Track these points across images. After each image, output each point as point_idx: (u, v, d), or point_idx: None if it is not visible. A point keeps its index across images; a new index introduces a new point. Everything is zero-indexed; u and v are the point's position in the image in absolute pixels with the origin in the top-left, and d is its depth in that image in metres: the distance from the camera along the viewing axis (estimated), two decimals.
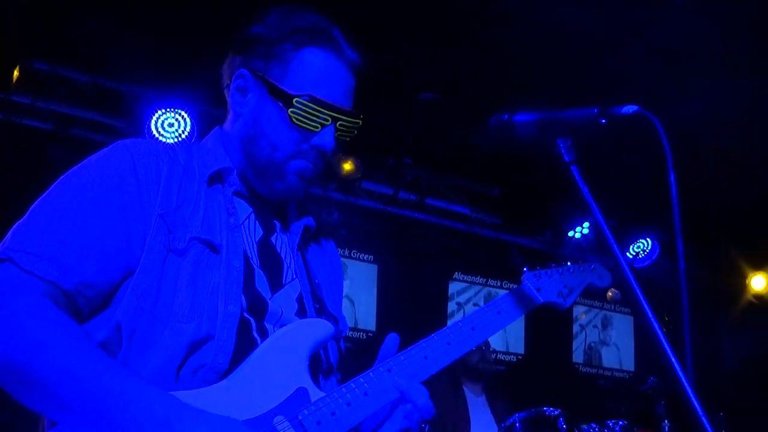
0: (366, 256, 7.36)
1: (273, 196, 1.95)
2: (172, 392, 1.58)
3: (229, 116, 1.99)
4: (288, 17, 1.92)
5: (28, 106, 5.54)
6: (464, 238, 7.66)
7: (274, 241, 1.96)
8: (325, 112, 1.84)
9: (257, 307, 1.81)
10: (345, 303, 6.87)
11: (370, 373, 1.79)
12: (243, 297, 1.78)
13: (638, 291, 1.61)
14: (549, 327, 7.97)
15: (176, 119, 5.48)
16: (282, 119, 1.85)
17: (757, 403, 7.61)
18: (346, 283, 7.13)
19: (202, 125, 5.57)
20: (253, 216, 1.94)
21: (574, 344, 8.41)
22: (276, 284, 1.90)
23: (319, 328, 1.83)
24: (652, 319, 1.58)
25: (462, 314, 7.79)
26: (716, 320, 8.78)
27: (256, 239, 1.92)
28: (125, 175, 1.73)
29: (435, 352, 1.91)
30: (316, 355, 1.85)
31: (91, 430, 1.52)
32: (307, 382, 1.74)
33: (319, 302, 1.97)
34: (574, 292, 2.31)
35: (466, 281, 7.95)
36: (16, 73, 5.27)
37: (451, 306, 7.79)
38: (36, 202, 1.71)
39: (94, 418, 1.51)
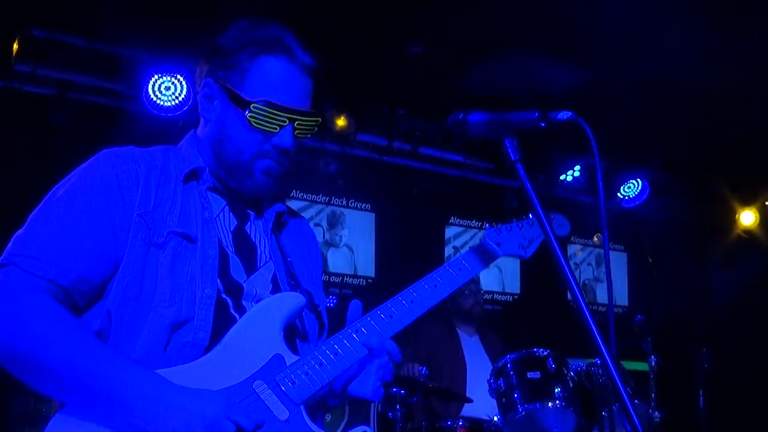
0: (364, 205, 7.56)
1: (246, 193, 2.16)
2: (161, 369, 1.82)
3: (201, 121, 2.20)
4: (245, 30, 2.12)
5: (29, 73, 5.69)
6: (459, 184, 7.83)
7: (248, 230, 2.18)
8: (282, 114, 2.04)
9: (233, 289, 2.03)
10: (345, 251, 7.13)
11: (340, 335, 2.03)
12: (219, 281, 2.00)
13: (562, 259, 1.80)
14: (544, 266, 8.11)
15: (173, 83, 5.65)
16: (243, 123, 2.05)
17: (743, 337, 7.85)
18: (345, 232, 7.38)
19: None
20: (227, 208, 2.16)
21: None
22: (251, 268, 2.12)
23: (291, 300, 2.06)
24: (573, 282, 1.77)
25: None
26: (706, 255, 8.96)
27: (231, 229, 2.14)
28: (108, 183, 1.96)
29: (400, 310, 2.12)
30: (292, 324, 2.08)
31: (93, 409, 1.77)
32: (282, 349, 1.97)
33: (293, 279, 2.18)
34: (533, 243, 2.50)
35: (462, 225, 8.13)
36: (15, 45, 5.41)
37: (448, 250, 7.99)
38: (33, 213, 1.94)
39: (94, 399, 1.76)
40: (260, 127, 2.04)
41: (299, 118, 2.08)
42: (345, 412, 6.94)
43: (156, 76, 5.69)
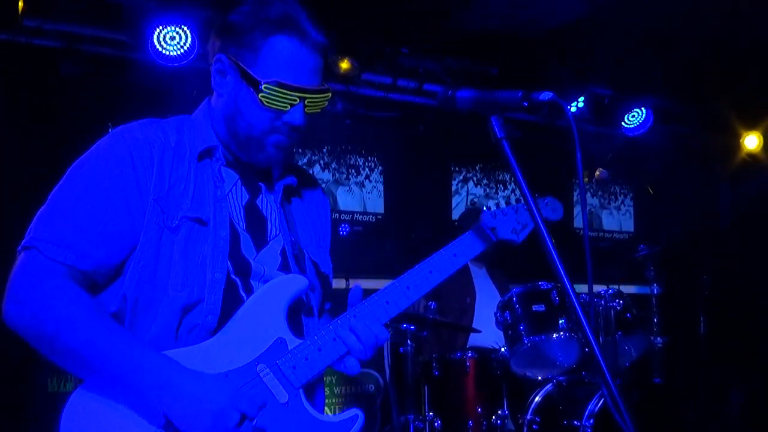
0: (371, 143, 7.61)
1: (256, 164, 2.25)
2: (171, 350, 1.96)
3: (214, 93, 2.26)
4: (259, 7, 2.14)
5: (36, 27, 5.71)
6: (464, 119, 7.82)
7: (259, 203, 2.27)
8: (293, 93, 2.10)
9: (242, 269, 2.13)
10: (354, 189, 7.19)
11: (338, 320, 2.13)
12: (229, 262, 2.11)
13: (550, 244, 1.90)
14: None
15: (177, 33, 5.67)
16: (254, 102, 2.11)
17: (745, 262, 7.94)
18: (353, 171, 7.45)
19: (203, 39, 5.76)
20: (239, 182, 2.25)
21: (575, 211, 8.66)
22: (261, 242, 2.22)
23: (294, 284, 2.16)
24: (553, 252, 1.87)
25: (465, 191, 8.08)
26: (713, 177, 8.99)
27: (243, 204, 2.23)
28: (124, 168, 2.06)
29: (395, 296, 2.21)
30: (296, 303, 2.18)
31: (109, 388, 1.92)
32: (285, 333, 2.08)
33: (299, 252, 2.28)
34: (527, 228, 2.54)
35: (467, 160, 8.17)
36: (21, 2, 5.43)
37: (455, 185, 8.05)
38: (52, 193, 2.05)
39: (111, 379, 1.91)
40: (271, 105, 2.10)
41: (309, 95, 2.14)
42: None
43: (160, 27, 5.71)
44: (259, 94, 2.09)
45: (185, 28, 5.68)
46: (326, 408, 2.17)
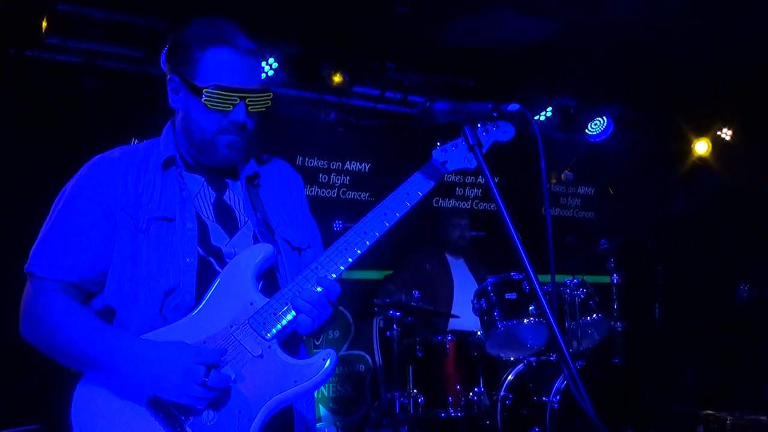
0: (360, 150, 7.58)
1: (215, 165, 2.28)
2: (158, 329, 2.03)
3: (175, 111, 2.31)
4: (193, 28, 2.19)
5: (59, 45, 5.67)
6: (447, 127, 7.80)
7: (226, 198, 2.29)
8: (232, 94, 2.13)
9: (215, 253, 2.17)
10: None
11: (302, 275, 2.12)
12: (199, 248, 2.14)
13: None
14: (521, 204, 8.19)
15: None
16: (201, 107, 2.14)
17: (695, 254, 7.98)
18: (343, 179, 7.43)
19: None
20: (206, 184, 2.28)
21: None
22: (232, 230, 2.23)
23: (258, 251, 2.16)
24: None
25: (453, 189, 8.09)
26: (667, 180, 9.01)
27: (212, 202, 2.25)
28: (93, 192, 2.16)
29: (353, 242, 2.16)
30: (268, 269, 2.19)
31: (99, 375, 2.00)
32: (254, 296, 2.09)
33: (270, 232, 2.27)
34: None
35: None
36: (44, 22, 5.40)
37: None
38: (42, 227, 2.17)
39: (95, 369, 2.00)
40: (215, 108, 2.12)
41: (249, 95, 2.15)
42: (351, 329, 7.15)
43: None
44: (203, 99, 2.11)
45: None
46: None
